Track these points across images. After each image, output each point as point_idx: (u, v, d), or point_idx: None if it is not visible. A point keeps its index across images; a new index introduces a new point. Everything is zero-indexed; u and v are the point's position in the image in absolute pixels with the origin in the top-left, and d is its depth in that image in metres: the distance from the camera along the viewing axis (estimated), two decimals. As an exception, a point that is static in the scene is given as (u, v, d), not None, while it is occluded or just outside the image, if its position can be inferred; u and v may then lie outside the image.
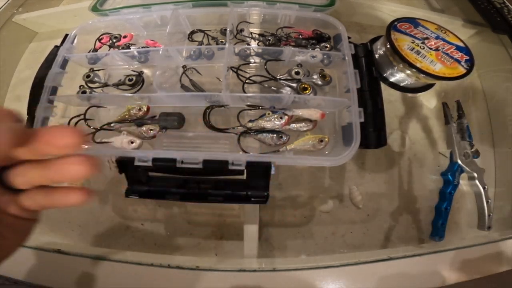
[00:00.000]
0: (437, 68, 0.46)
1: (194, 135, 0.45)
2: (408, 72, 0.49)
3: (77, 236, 0.49)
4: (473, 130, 0.50)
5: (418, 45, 0.48)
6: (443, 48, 0.48)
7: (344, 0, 0.57)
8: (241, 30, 0.50)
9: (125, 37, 0.51)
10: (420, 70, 0.46)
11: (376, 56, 0.53)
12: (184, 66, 0.47)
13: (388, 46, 0.48)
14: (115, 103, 0.46)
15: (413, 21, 0.51)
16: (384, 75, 0.53)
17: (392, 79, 0.53)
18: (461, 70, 0.46)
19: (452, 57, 0.47)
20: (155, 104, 0.44)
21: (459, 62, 0.47)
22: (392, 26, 0.50)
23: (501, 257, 0.39)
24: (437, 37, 0.50)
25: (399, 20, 0.51)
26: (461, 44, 0.50)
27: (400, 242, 0.47)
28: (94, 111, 0.46)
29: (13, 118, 0.17)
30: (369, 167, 0.51)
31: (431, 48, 0.48)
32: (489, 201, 0.43)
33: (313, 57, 0.45)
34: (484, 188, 0.44)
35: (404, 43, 0.48)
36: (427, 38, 0.49)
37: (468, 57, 0.48)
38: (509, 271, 0.38)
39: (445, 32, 0.51)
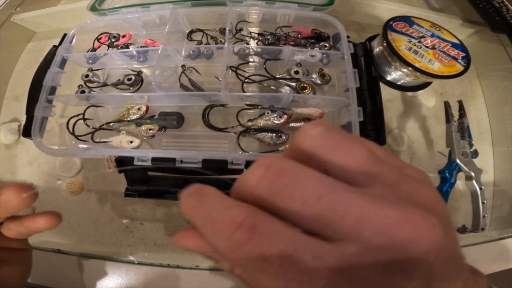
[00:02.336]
0: (436, 67, 0.46)
1: (193, 135, 0.45)
2: (408, 72, 0.49)
3: (77, 236, 0.49)
4: (472, 129, 0.50)
5: (415, 45, 0.48)
6: (440, 46, 0.48)
7: (343, -1, 0.57)
8: (240, 30, 0.49)
9: (123, 36, 0.51)
10: (419, 70, 0.46)
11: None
12: (183, 66, 0.47)
13: (385, 45, 0.48)
14: (114, 103, 0.46)
15: (408, 20, 0.51)
16: (381, 73, 0.53)
17: (389, 78, 0.53)
18: (459, 67, 0.46)
19: (449, 55, 0.47)
20: (154, 104, 0.44)
21: (456, 59, 0.47)
22: (388, 26, 0.50)
23: (499, 256, 0.39)
24: (432, 35, 0.50)
25: (394, 19, 0.51)
26: (456, 41, 0.50)
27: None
28: (93, 111, 0.46)
29: None
30: (368, 166, 0.51)
31: (427, 47, 0.48)
32: (485, 201, 0.43)
33: (312, 56, 0.45)
34: (480, 188, 0.44)
35: (401, 43, 0.48)
36: (423, 37, 0.49)
37: (464, 54, 0.48)
38: (507, 271, 0.38)
39: (439, 30, 0.51)
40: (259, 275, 0.11)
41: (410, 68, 0.47)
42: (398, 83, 0.53)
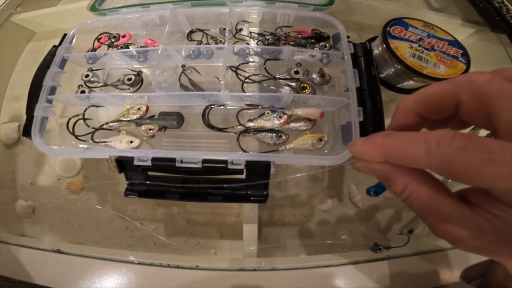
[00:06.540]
0: (442, 70, 0.46)
1: (193, 135, 0.45)
2: (417, 79, 0.48)
3: (77, 236, 0.49)
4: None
5: (416, 50, 0.47)
6: (439, 47, 0.48)
7: (343, -1, 0.57)
8: (240, 30, 0.49)
9: (123, 36, 0.51)
10: (428, 77, 0.45)
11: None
12: (183, 66, 0.47)
13: (390, 54, 0.47)
14: (114, 103, 0.46)
15: (402, 22, 0.51)
16: (381, 76, 0.52)
17: (387, 79, 0.53)
18: (462, 66, 0.46)
19: (449, 55, 0.47)
20: (154, 104, 0.44)
21: (457, 58, 0.47)
22: (387, 33, 0.49)
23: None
24: (428, 35, 0.49)
25: (389, 24, 0.50)
26: (450, 38, 0.49)
27: (400, 241, 0.48)
28: (93, 111, 0.46)
29: None
30: (368, 166, 0.51)
31: (427, 49, 0.48)
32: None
33: (312, 56, 0.45)
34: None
35: (404, 51, 0.47)
36: (420, 39, 0.49)
37: (462, 51, 0.48)
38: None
39: (432, 28, 0.51)
40: (485, 166, 0.14)
41: (421, 78, 0.46)
42: (398, 85, 0.53)
